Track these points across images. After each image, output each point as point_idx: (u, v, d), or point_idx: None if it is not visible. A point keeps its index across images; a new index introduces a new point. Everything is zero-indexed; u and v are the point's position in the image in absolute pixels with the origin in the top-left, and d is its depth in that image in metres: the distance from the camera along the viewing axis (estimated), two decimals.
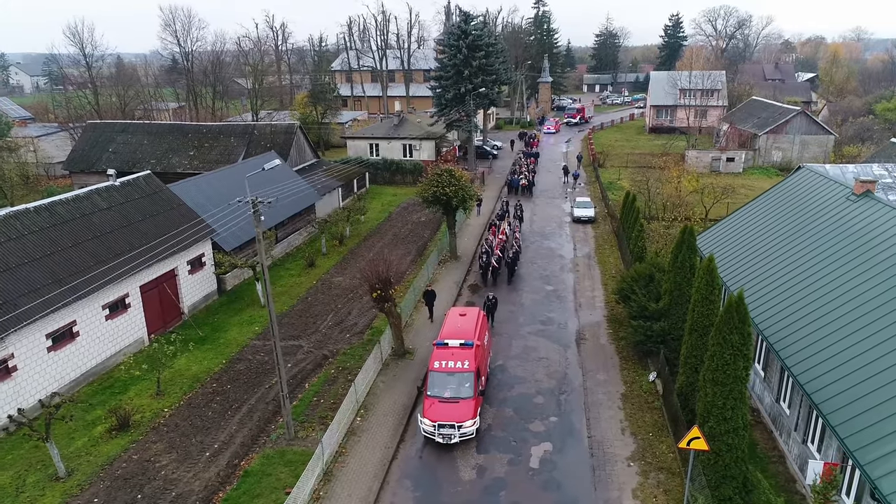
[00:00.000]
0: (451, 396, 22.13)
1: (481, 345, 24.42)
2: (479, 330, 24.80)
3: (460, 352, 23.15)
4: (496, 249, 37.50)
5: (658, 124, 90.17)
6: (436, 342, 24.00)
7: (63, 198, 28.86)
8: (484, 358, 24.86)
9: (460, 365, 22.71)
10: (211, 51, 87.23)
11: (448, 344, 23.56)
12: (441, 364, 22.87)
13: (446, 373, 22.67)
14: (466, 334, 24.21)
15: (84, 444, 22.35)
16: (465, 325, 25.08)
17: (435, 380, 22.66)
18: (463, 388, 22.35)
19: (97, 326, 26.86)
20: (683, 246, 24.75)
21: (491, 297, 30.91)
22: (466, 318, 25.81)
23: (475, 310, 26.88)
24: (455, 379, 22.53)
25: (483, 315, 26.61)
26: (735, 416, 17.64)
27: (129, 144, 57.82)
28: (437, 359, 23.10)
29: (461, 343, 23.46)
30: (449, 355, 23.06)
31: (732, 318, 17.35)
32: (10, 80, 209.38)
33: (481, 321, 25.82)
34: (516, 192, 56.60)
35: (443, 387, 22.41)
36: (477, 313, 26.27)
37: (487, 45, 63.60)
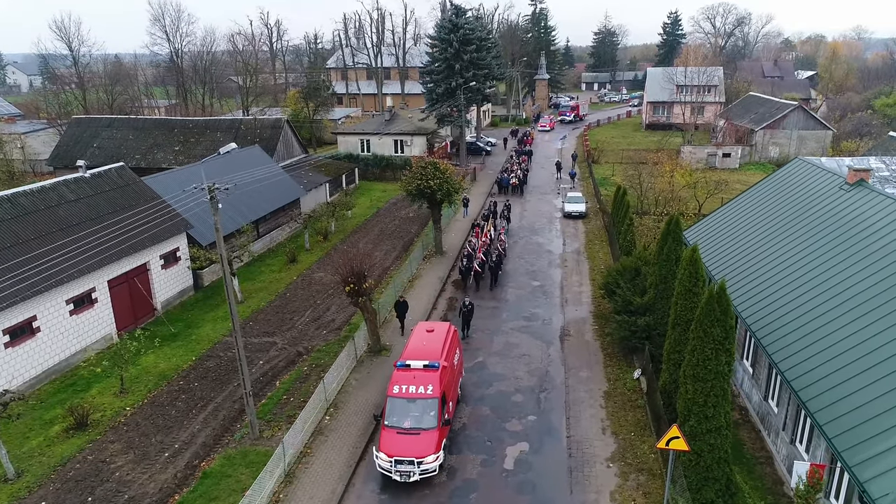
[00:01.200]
0: (411, 427, 19.30)
1: (449, 366, 21.43)
2: (447, 349, 21.93)
3: (423, 375, 20.24)
4: (479, 252, 35.37)
5: (655, 121, 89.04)
6: (396, 363, 21.14)
7: (27, 188, 27.86)
8: (452, 381, 21.81)
9: (423, 390, 19.83)
10: (201, 46, 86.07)
11: (410, 366, 20.65)
12: (401, 389, 20.04)
13: (406, 399, 19.82)
14: (432, 354, 21.34)
15: (39, 443, 21.33)
16: (432, 343, 22.22)
17: (393, 407, 19.80)
18: (425, 416, 19.48)
19: (60, 322, 25.83)
20: (669, 237, 23.72)
21: (467, 303, 28.60)
22: (434, 334, 22.89)
23: (445, 325, 23.83)
24: (416, 406, 19.65)
25: (454, 331, 23.59)
26: (717, 414, 16.60)
27: (114, 140, 56.90)
28: (397, 382, 20.20)
29: (425, 365, 20.52)
30: (410, 379, 20.19)
31: (714, 311, 16.31)
32: (8, 79, 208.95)
33: (451, 338, 22.82)
34: (506, 192, 54.81)
35: (402, 415, 19.63)
36: (447, 329, 23.24)
37: (479, 38, 62.61)
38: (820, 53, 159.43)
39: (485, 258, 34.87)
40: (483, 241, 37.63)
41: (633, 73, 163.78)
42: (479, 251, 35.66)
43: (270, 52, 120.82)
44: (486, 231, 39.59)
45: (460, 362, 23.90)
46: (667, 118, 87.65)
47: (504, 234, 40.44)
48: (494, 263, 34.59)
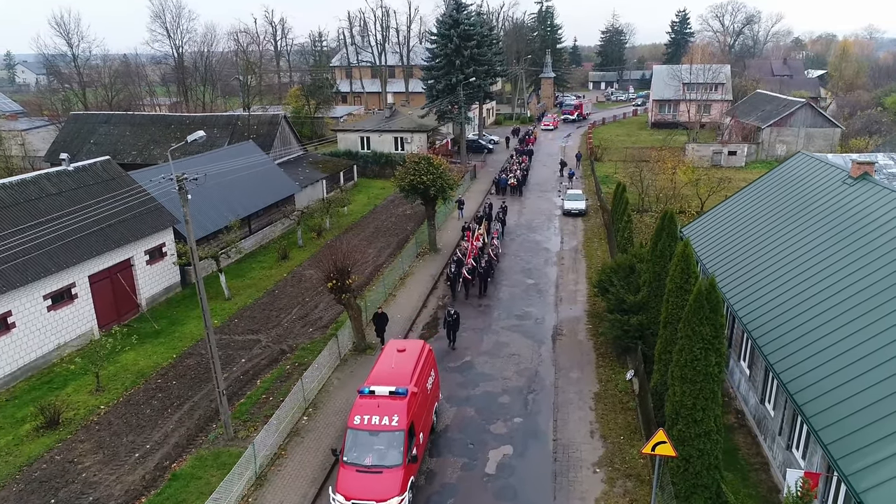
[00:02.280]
0: (373, 465, 16.99)
1: (420, 392, 18.99)
2: (419, 372, 19.51)
3: (389, 403, 17.82)
4: (469, 258, 33.01)
5: (660, 119, 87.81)
6: (359, 389, 18.68)
7: (6, 181, 27.26)
8: (424, 409, 19.27)
9: (387, 421, 17.44)
10: (202, 43, 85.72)
11: (374, 392, 18.16)
12: (362, 420, 17.61)
13: (368, 431, 17.43)
14: (401, 378, 18.88)
15: (7, 443, 20.66)
16: (402, 364, 19.71)
17: (354, 441, 17.42)
18: (389, 452, 17.08)
19: (37, 318, 25.19)
20: (663, 233, 22.77)
21: (452, 312, 26.40)
22: (405, 355, 20.31)
23: (418, 344, 21.43)
24: (380, 440, 17.28)
25: (428, 351, 21.21)
26: (706, 417, 15.68)
27: (110, 135, 56.61)
28: (359, 412, 17.79)
29: (391, 391, 18.06)
30: (374, 407, 17.75)
31: (703, 308, 15.39)
32: (17, 78, 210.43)
33: (425, 359, 20.46)
34: (504, 192, 53.02)
35: (363, 450, 17.23)
36: (420, 349, 20.85)
37: (480, 34, 61.75)
38: (830, 52, 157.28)
39: (475, 264, 32.55)
40: (474, 245, 35.20)
41: (640, 72, 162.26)
42: (469, 256, 33.30)
43: (275, 50, 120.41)
44: (477, 234, 37.14)
45: (436, 385, 21.39)
46: (673, 116, 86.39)
47: (497, 238, 38.14)
48: (483, 270, 32.27)
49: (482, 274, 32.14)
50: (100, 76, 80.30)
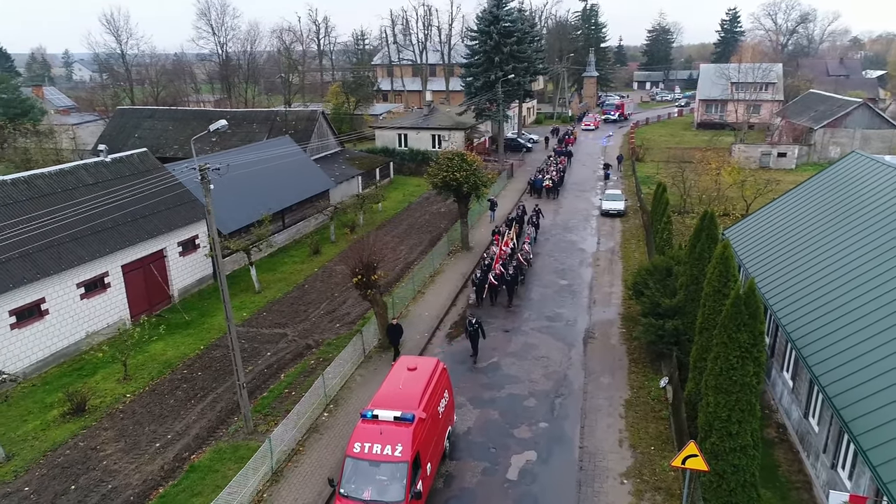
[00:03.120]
0: (371, 499, 15.34)
1: (429, 418, 17.16)
2: (429, 394, 17.69)
3: (393, 430, 16.05)
4: (496, 263, 31.11)
5: (707, 119, 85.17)
6: (362, 411, 16.97)
7: (45, 171, 27.82)
8: (433, 437, 17.35)
9: (390, 451, 15.69)
10: (245, 40, 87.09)
11: (377, 417, 16.47)
12: (363, 448, 15.91)
13: (369, 461, 15.74)
14: (408, 401, 17.09)
15: (35, 427, 20.94)
16: (411, 385, 17.88)
17: (352, 471, 15.76)
18: (391, 486, 15.43)
19: (70, 305, 25.58)
20: (703, 234, 21.65)
21: (474, 321, 24.75)
22: (415, 374, 18.46)
23: (431, 362, 19.40)
24: (381, 472, 15.59)
25: (442, 370, 19.24)
26: (742, 431, 14.64)
27: (154, 130, 57.83)
28: (359, 439, 16.10)
29: (396, 417, 16.32)
30: (376, 434, 16.02)
31: (741, 313, 14.36)
32: (74, 75, 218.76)
33: (437, 380, 18.56)
34: (539, 194, 51.22)
35: (362, 482, 15.58)
36: (433, 368, 18.92)
37: (520, 31, 60.81)
38: (891, 52, 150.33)
39: (503, 270, 30.64)
40: (503, 249, 33.40)
41: (687, 71, 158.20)
42: (497, 262, 31.35)
43: (318, 48, 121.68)
44: (507, 238, 35.22)
45: (450, 407, 19.46)
46: (719, 116, 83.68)
47: (529, 244, 36.04)
48: (511, 277, 30.25)
49: (509, 281, 30.21)
50: (147, 73, 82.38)
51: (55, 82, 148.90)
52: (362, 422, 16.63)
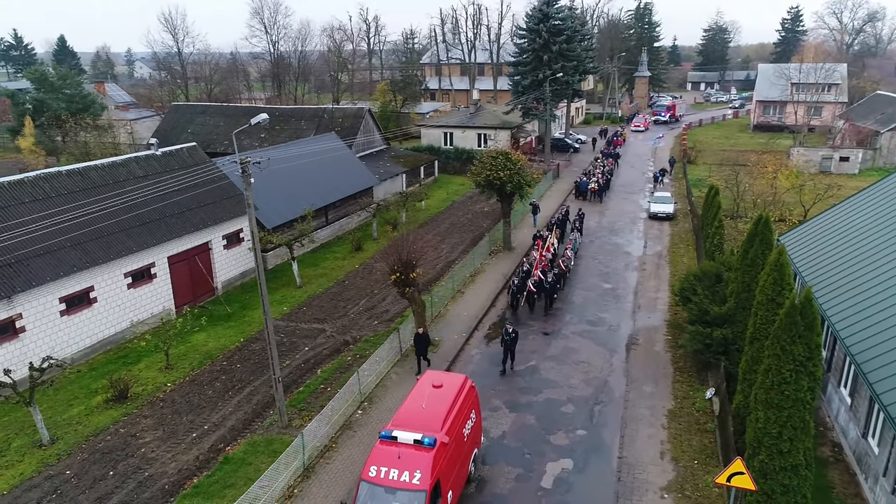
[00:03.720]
0: None
1: (453, 441, 15.83)
2: (454, 415, 16.35)
3: (412, 454, 14.84)
4: (536, 270, 29.95)
5: (764, 121, 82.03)
6: (381, 432, 15.81)
7: (98, 163, 28.63)
8: (456, 463, 16.05)
9: (407, 477, 14.51)
10: (296, 38, 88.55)
11: (396, 438, 15.28)
12: (378, 472, 14.77)
13: (384, 488, 14.58)
14: (431, 423, 15.79)
15: (79, 412, 21.50)
16: (435, 404, 16.50)
17: (367, 497, 14.66)
18: None
19: (117, 294, 26.23)
20: (756, 240, 20.58)
21: (510, 330, 23.66)
22: (441, 392, 17.04)
23: (458, 379, 17.92)
24: (397, 499, 14.43)
25: (469, 388, 17.87)
26: (794, 449, 13.75)
27: (206, 126, 59.22)
28: (376, 462, 14.97)
29: (416, 440, 15.06)
30: (393, 458, 14.85)
31: (796, 324, 13.48)
32: (135, 73, 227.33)
33: (464, 399, 17.20)
34: (584, 197, 49.66)
35: None
36: (460, 386, 17.51)
37: (570, 29, 59.77)
38: None
39: (543, 277, 29.29)
40: (543, 255, 32.02)
41: (744, 72, 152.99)
42: (537, 268, 30.17)
43: (368, 47, 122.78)
44: (549, 244, 33.74)
45: (476, 428, 18.05)
46: (778, 118, 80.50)
47: (571, 249, 34.43)
48: (550, 284, 29.01)
49: (549, 289, 28.96)
50: (202, 70, 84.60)
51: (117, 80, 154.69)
52: (380, 443, 15.44)
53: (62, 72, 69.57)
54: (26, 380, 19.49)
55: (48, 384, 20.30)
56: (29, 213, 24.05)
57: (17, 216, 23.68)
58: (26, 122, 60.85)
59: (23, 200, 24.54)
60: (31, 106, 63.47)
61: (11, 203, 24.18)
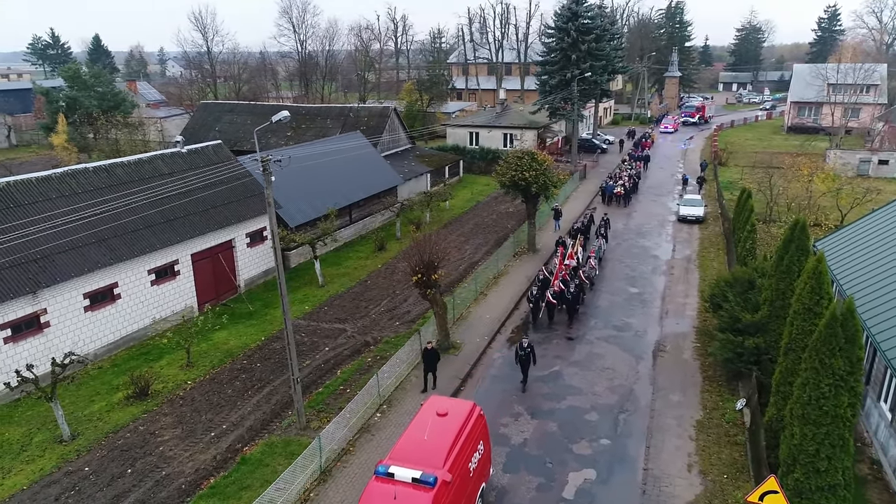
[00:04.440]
0: None
1: (457, 479, 14.41)
2: (459, 448, 14.84)
3: (410, 494, 13.46)
4: (556, 279, 28.27)
5: (798, 123, 79.95)
6: (377, 466, 14.46)
7: (124, 160, 28.81)
8: (461, 501, 14.72)
9: None
10: (324, 37, 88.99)
11: (393, 475, 13.94)
12: None
13: None
14: (433, 456, 14.37)
15: (101, 408, 21.58)
16: (439, 435, 14.98)
17: None
18: None
19: (141, 291, 26.34)
20: (792, 245, 19.72)
21: (526, 345, 22.08)
22: (445, 421, 15.54)
23: (466, 406, 16.40)
24: None
25: (477, 416, 16.25)
26: (832, 468, 13.04)
27: (234, 124, 59.61)
28: (370, 501, 13.77)
29: (415, 478, 13.66)
30: (388, 498, 13.47)
31: (836, 337, 12.76)
32: (167, 72, 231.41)
33: (471, 430, 15.65)
34: (610, 201, 47.86)
35: None
36: (466, 414, 15.95)
37: (599, 28, 58.84)
38: None
39: (564, 287, 27.78)
40: (566, 263, 30.06)
41: (778, 72, 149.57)
42: (557, 277, 28.47)
43: (395, 47, 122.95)
44: (571, 251, 31.57)
45: (485, 460, 16.46)
46: (813, 120, 78.37)
47: (594, 258, 32.51)
48: (572, 295, 27.38)
49: (570, 300, 27.34)
50: (231, 69, 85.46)
51: (150, 78, 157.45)
52: (375, 479, 14.13)
53: (95, 70, 70.81)
54: (49, 375, 19.59)
55: (69, 380, 20.37)
56: (55, 209, 24.23)
57: (44, 212, 23.86)
58: (59, 119, 62.01)
59: (49, 196, 24.76)
60: (64, 103, 64.65)
61: (39, 199, 24.41)
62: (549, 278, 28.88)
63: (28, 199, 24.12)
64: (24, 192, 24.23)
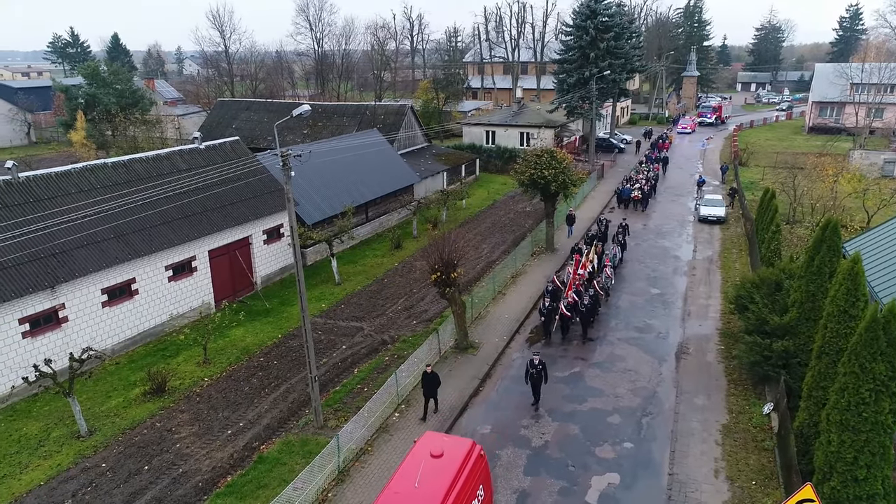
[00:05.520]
0: None
1: None
2: (455, 496, 13.06)
3: None
4: (569, 290, 26.60)
5: (820, 123, 78.66)
6: None
7: (143, 156, 28.76)
8: None
9: None
10: (340, 35, 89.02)
11: None
12: None
13: None
14: None
15: (118, 404, 21.47)
16: (432, 482, 13.21)
17: None
18: None
19: (159, 287, 26.25)
20: (823, 246, 19.11)
21: (537, 362, 20.46)
22: (441, 464, 13.68)
23: (464, 446, 14.39)
24: None
25: (476, 458, 14.26)
26: (871, 477, 12.54)
27: (250, 121, 59.77)
28: None
29: None
30: None
31: (877, 340, 12.26)
32: (184, 70, 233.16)
33: (469, 473, 13.76)
34: (626, 205, 46.04)
35: None
36: (464, 456, 13.99)
37: (619, 26, 58.18)
38: None
39: (577, 298, 26.14)
40: (579, 273, 28.11)
41: (798, 72, 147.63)
42: (570, 288, 26.84)
43: (411, 46, 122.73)
44: (585, 261, 29.33)
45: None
46: (835, 120, 77.04)
47: (610, 267, 30.54)
48: (587, 307, 25.64)
49: (584, 313, 25.62)
50: (248, 67, 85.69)
51: (167, 77, 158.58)
52: None
53: (114, 67, 71.19)
54: (66, 371, 19.50)
55: (87, 375, 20.28)
56: (74, 204, 24.18)
57: (63, 206, 23.82)
58: (78, 116, 62.42)
59: (69, 191, 24.73)
60: (83, 101, 65.09)
61: (58, 194, 24.39)
62: (560, 288, 27.36)
63: (47, 193, 24.10)
64: (43, 187, 24.22)
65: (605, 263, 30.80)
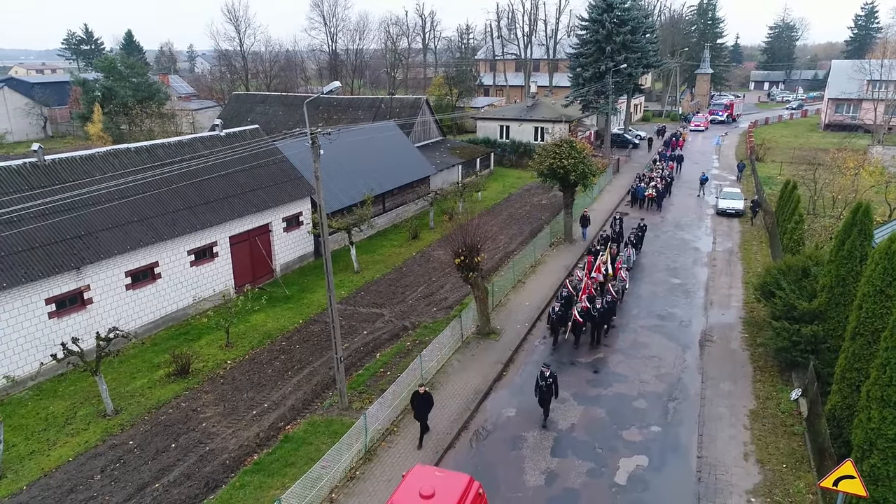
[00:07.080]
0: None
1: None
2: None
3: None
4: (582, 295, 24.93)
5: (836, 120, 77.99)
6: None
7: (165, 141, 28.85)
8: None
9: None
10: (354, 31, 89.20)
11: None
12: None
13: None
14: None
15: (142, 384, 21.54)
16: None
17: None
18: None
19: (181, 271, 26.33)
20: (854, 230, 18.93)
21: (547, 374, 18.60)
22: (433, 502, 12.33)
23: (461, 483, 12.99)
24: None
25: (475, 496, 12.94)
26: None
27: (265, 115, 59.87)
28: None
29: None
30: None
31: None
32: (196, 68, 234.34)
33: None
34: (640, 205, 44.61)
35: None
36: (461, 494, 12.62)
37: (635, 19, 57.92)
38: None
39: (590, 304, 24.38)
40: (593, 278, 26.57)
41: (811, 71, 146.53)
42: (584, 292, 25.24)
43: (423, 43, 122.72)
44: (599, 263, 27.52)
45: None
46: (853, 118, 76.36)
47: (624, 269, 28.51)
48: (600, 312, 23.86)
49: (597, 319, 23.95)
50: (262, 63, 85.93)
51: (179, 74, 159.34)
52: None
53: (130, 61, 71.58)
54: (93, 350, 19.59)
55: (114, 354, 20.34)
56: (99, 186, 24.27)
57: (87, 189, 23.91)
58: (95, 109, 62.82)
59: (93, 174, 24.82)
60: (100, 94, 65.48)
61: (83, 177, 24.48)
62: (573, 294, 25.53)
63: (72, 177, 24.21)
64: (68, 171, 24.33)
65: (618, 265, 28.68)
